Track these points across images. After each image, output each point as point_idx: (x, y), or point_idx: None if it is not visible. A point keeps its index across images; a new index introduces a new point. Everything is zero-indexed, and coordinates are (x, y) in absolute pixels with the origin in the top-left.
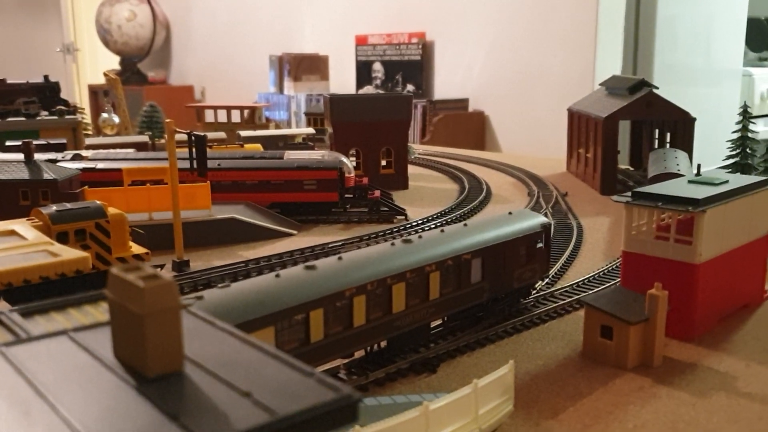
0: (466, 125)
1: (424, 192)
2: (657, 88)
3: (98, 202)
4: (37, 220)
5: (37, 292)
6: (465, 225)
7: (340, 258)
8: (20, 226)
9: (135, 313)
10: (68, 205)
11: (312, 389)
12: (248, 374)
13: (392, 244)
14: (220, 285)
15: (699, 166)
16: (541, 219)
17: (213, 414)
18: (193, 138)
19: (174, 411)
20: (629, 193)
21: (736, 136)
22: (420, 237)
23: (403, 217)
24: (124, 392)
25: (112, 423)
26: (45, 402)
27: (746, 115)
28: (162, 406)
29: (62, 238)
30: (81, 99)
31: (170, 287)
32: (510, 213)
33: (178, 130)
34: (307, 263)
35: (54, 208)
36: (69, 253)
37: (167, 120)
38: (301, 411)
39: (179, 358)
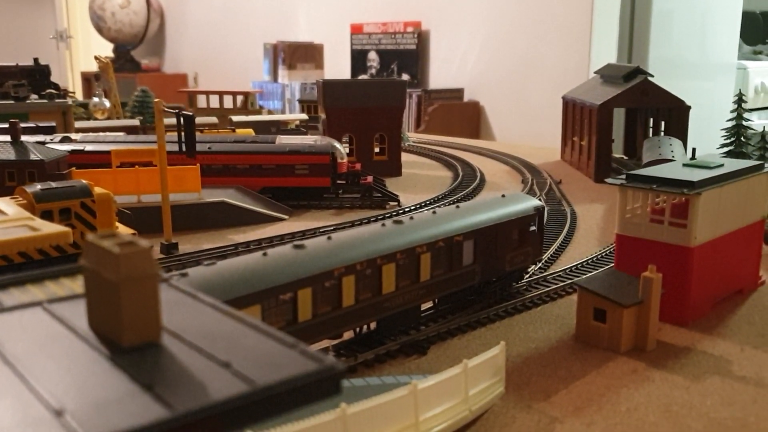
0: (461, 115)
1: (418, 179)
2: (652, 76)
3: (84, 181)
4: (21, 199)
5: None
6: (457, 207)
7: (329, 238)
8: (1, 202)
9: (110, 280)
10: (53, 184)
11: (294, 360)
12: (229, 345)
13: (383, 224)
14: (205, 262)
15: (694, 149)
16: (534, 202)
17: (190, 384)
18: (181, 118)
19: (149, 381)
20: (623, 176)
21: (730, 124)
22: (411, 218)
23: (396, 203)
24: (97, 362)
25: (82, 393)
26: (13, 372)
27: (741, 104)
28: (136, 376)
29: (47, 217)
30: (74, 86)
31: (146, 254)
32: (503, 195)
33: (166, 109)
34: (296, 242)
35: (38, 186)
36: (49, 227)
37: (156, 99)
38: (281, 381)
39: (156, 328)
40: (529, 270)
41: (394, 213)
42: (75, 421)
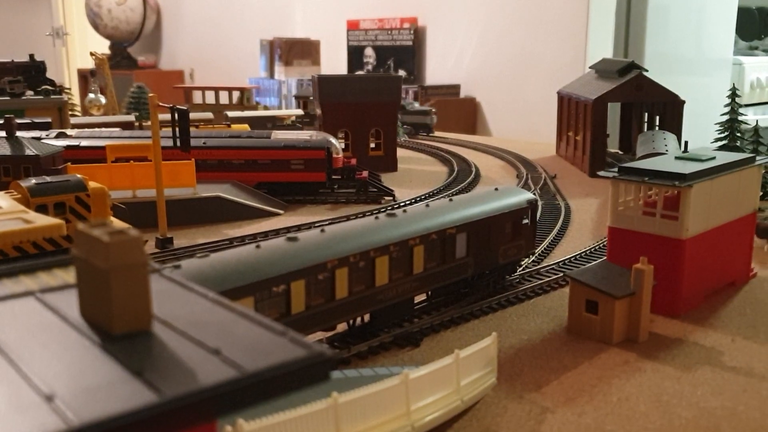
0: (458, 111)
1: (413, 174)
2: (646, 70)
3: (79, 176)
4: (16, 193)
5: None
6: (450, 200)
7: (322, 230)
8: None
9: (100, 268)
10: (48, 179)
11: (283, 347)
12: (219, 333)
13: (376, 217)
14: (198, 255)
15: (686, 143)
16: (527, 195)
17: (179, 370)
18: (175, 112)
19: (139, 367)
20: (616, 169)
21: (724, 119)
22: (405, 211)
23: (391, 198)
24: (88, 349)
25: (73, 378)
26: (5, 358)
27: (735, 98)
28: (126, 363)
29: (42, 211)
30: (70, 83)
31: (136, 243)
32: (496, 189)
33: (160, 104)
34: (289, 235)
35: (33, 181)
36: (43, 220)
37: (150, 94)
38: (270, 367)
39: (147, 317)
40: (522, 263)
41: (390, 208)
42: (65, 406)
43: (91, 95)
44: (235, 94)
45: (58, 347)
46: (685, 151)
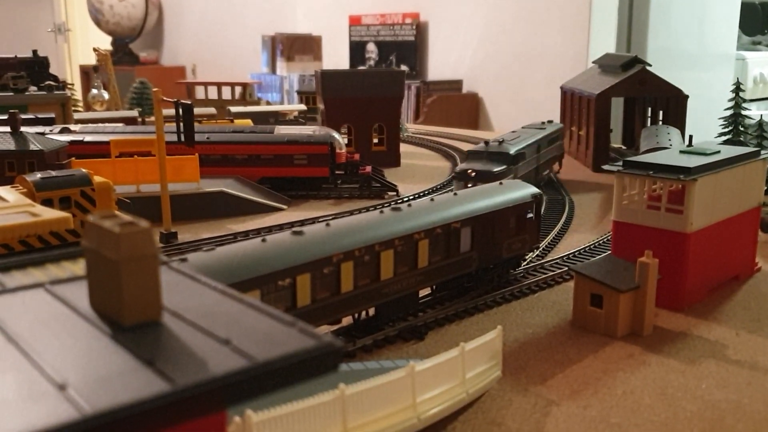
0: (460, 106)
1: (416, 169)
2: (650, 65)
3: (84, 170)
4: (21, 188)
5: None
6: (455, 194)
7: (327, 224)
8: (2, 190)
9: (111, 259)
10: (53, 173)
11: (293, 337)
12: (229, 324)
13: (381, 211)
14: (205, 248)
15: (691, 137)
16: (531, 189)
17: (190, 359)
18: (180, 107)
19: (150, 357)
20: (620, 162)
21: (728, 113)
22: (409, 205)
23: (395, 193)
24: (99, 340)
25: (85, 368)
26: (17, 349)
27: (739, 92)
28: (138, 353)
29: (47, 206)
30: (72, 79)
31: (147, 234)
32: (500, 183)
33: (165, 99)
34: (294, 228)
35: (39, 175)
36: (50, 213)
37: (155, 89)
38: (280, 357)
39: (157, 308)
40: (527, 257)
41: (393, 203)
42: (78, 394)
43: (94, 91)
44: (238, 90)
45: (69, 338)
46: (690, 145)
